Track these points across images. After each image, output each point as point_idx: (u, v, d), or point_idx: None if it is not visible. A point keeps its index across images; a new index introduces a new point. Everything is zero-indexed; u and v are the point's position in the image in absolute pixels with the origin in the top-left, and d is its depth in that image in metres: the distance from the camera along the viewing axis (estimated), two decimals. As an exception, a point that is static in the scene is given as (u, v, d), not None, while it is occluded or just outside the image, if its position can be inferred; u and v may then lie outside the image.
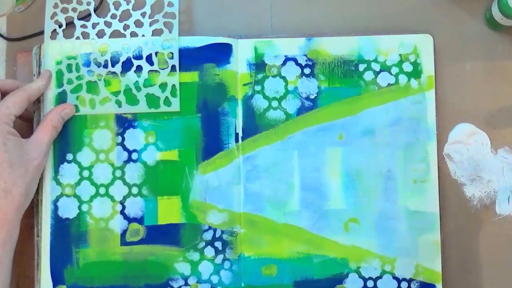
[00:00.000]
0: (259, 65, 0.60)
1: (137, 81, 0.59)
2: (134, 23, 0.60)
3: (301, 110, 0.60)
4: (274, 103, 0.60)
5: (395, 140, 0.59)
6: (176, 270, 0.57)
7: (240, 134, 0.59)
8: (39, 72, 0.59)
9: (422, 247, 0.58)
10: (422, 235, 0.58)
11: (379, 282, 0.58)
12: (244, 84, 0.60)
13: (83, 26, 0.60)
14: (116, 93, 0.59)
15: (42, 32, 0.60)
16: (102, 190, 0.58)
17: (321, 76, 0.60)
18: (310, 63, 0.60)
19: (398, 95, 0.60)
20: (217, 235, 0.58)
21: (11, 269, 0.54)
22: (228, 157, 0.58)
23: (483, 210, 0.59)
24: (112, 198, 0.58)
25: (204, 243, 0.58)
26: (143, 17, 0.60)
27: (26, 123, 0.59)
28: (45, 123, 0.56)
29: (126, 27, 0.60)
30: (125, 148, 0.58)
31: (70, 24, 0.60)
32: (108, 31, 0.60)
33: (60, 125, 0.57)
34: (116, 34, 0.60)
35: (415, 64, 0.60)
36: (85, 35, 0.60)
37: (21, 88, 0.56)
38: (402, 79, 0.60)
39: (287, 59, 0.60)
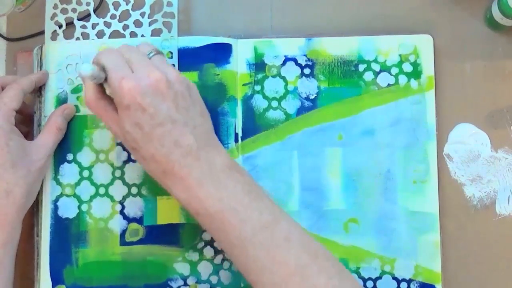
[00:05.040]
0: (259, 65, 0.60)
1: (136, 81, 0.59)
2: (134, 23, 0.61)
3: (300, 110, 0.60)
4: (274, 103, 0.60)
5: (394, 141, 0.59)
6: (175, 270, 0.57)
7: (240, 134, 0.59)
8: (40, 73, 0.59)
9: (421, 248, 0.57)
10: (422, 235, 0.58)
11: (378, 283, 0.58)
12: (244, 84, 0.60)
13: (83, 26, 0.61)
14: (115, 93, 0.59)
15: (42, 32, 0.61)
16: (101, 190, 0.58)
17: (321, 76, 0.60)
18: (310, 63, 0.60)
19: (398, 95, 0.59)
20: (216, 235, 0.58)
21: (13, 269, 0.54)
22: (228, 157, 0.58)
23: (483, 210, 0.59)
24: (111, 198, 0.58)
25: (203, 243, 0.58)
26: (142, 17, 0.61)
27: (24, 125, 0.59)
28: (50, 126, 0.56)
29: (125, 27, 0.60)
30: (125, 148, 0.58)
31: (70, 24, 0.61)
32: (107, 32, 0.60)
33: (64, 126, 0.57)
34: (115, 34, 0.60)
35: (415, 65, 0.60)
36: (85, 36, 0.60)
37: (13, 82, 0.56)
38: (402, 79, 0.60)
39: (287, 59, 0.60)
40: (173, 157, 0.48)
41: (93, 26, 0.61)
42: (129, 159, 0.59)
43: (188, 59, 0.59)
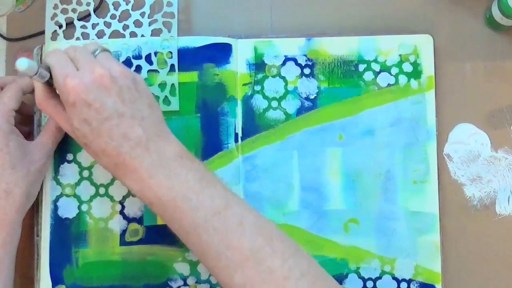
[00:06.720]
0: (258, 65, 0.60)
1: (136, 81, 0.59)
2: (134, 23, 0.61)
3: (300, 110, 0.60)
4: (274, 103, 0.60)
5: (394, 141, 0.59)
6: (175, 270, 0.57)
7: (240, 134, 0.59)
8: (40, 73, 0.59)
9: (421, 248, 0.58)
10: (422, 235, 0.58)
11: (378, 283, 0.58)
12: (244, 84, 0.60)
13: (83, 26, 0.61)
14: (115, 93, 0.59)
15: (42, 32, 0.61)
16: (101, 190, 0.58)
17: (321, 76, 0.60)
18: (310, 63, 0.60)
19: (398, 95, 0.59)
20: (216, 235, 0.58)
21: (13, 269, 0.54)
22: (228, 157, 0.58)
23: (483, 210, 0.59)
24: (111, 198, 0.58)
25: (203, 243, 0.58)
26: (142, 17, 0.61)
27: (24, 125, 0.59)
28: (49, 126, 0.56)
29: (125, 27, 0.60)
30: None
31: (70, 24, 0.61)
32: (107, 32, 0.60)
33: None
34: (115, 34, 0.60)
35: (415, 65, 0.60)
36: (85, 36, 0.60)
37: (12, 81, 0.56)
38: (402, 79, 0.60)
39: (287, 59, 0.60)
40: (123, 149, 0.48)
41: (93, 26, 0.61)
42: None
43: (188, 59, 0.59)
